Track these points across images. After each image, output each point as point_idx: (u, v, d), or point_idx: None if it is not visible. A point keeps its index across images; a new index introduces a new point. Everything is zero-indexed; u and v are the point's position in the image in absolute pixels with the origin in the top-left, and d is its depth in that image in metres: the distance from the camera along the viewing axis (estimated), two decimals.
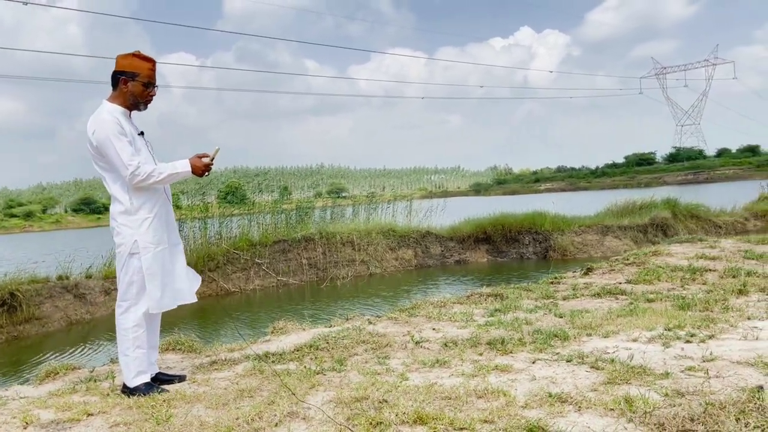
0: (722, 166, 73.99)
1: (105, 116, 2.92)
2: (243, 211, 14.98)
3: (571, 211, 15.96)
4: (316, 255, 12.64)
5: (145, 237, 2.94)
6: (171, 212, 3.19)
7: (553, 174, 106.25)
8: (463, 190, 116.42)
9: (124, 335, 2.94)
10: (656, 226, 14.15)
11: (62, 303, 9.36)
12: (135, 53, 3.06)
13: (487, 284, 9.92)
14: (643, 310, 3.63)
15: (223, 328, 8.23)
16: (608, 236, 13.73)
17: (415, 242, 13.53)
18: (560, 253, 13.20)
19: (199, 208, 14.68)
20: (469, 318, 3.82)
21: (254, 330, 7.93)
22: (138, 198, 2.96)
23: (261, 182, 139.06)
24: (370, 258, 12.93)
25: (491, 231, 13.67)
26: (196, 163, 3.06)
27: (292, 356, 3.24)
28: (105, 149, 2.89)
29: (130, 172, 2.86)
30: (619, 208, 15.57)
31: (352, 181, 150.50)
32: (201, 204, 15.91)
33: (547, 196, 63.46)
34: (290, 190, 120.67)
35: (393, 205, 16.19)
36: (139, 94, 3.04)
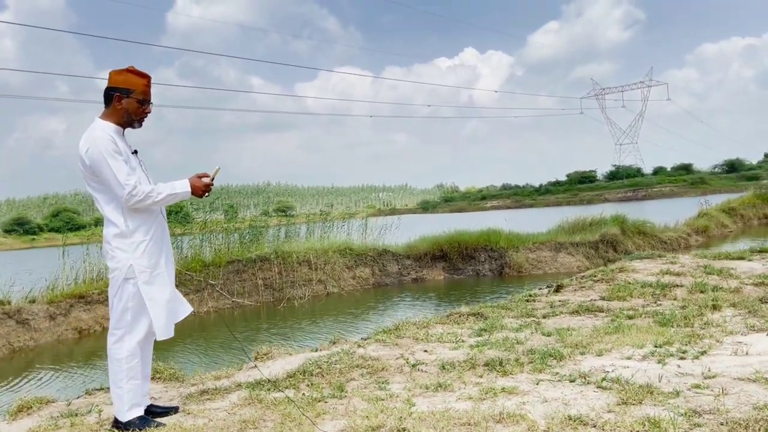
0: (659, 184, 77.19)
1: (99, 134, 2.76)
2: (189, 230, 14.57)
3: (522, 229, 16.24)
4: (271, 275, 12.38)
5: (141, 261, 2.78)
6: (167, 234, 3.03)
7: (499, 192, 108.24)
8: (411, 208, 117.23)
9: (117, 366, 2.75)
10: (607, 243, 14.52)
11: (4, 329, 8.82)
12: (129, 69, 2.92)
13: (446, 302, 9.99)
14: (627, 327, 3.67)
15: (181, 352, 7.90)
16: (561, 253, 14.00)
17: (372, 260, 13.44)
18: (515, 270, 13.37)
19: None
20: (458, 338, 3.76)
21: (208, 356, 7.66)
22: (133, 220, 2.79)
23: (205, 200, 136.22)
24: (328, 277, 12.75)
25: (448, 248, 13.72)
26: (196, 183, 2.91)
27: (286, 383, 3.08)
28: (99, 168, 2.73)
29: (127, 192, 2.70)
30: (570, 225, 15.93)
31: (299, 199, 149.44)
32: None
33: (494, 214, 64.65)
34: (236, 209, 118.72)
35: (348, 224, 16.10)
36: (134, 111, 2.90)
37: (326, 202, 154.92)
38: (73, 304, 10.05)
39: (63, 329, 9.55)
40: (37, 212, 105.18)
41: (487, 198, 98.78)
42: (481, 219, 43.89)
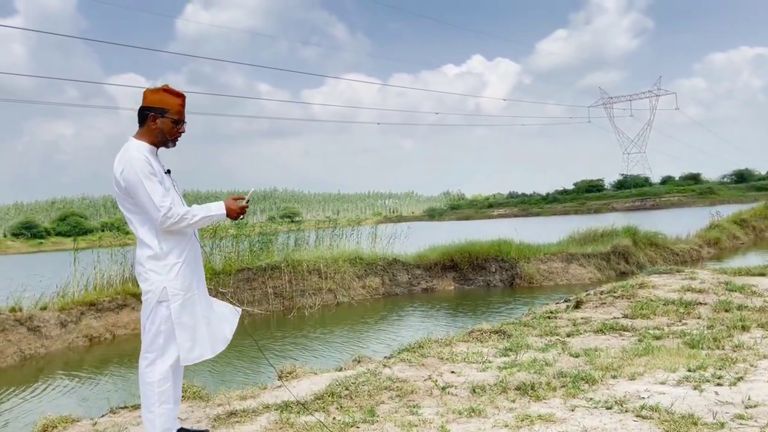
0: (667, 193, 76.89)
1: (134, 154, 2.72)
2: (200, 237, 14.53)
3: (531, 239, 16.17)
4: (281, 284, 12.34)
5: (175, 283, 2.74)
6: (200, 256, 3.00)
7: (506, 200, 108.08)
8: (417, 215, 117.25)
9: (149, 390, 2.70)
10: (618, 254, 14.43)
11: (15, 336, 8.79)
12: (164, 88, 2.87)
13: (458, 314, 9.91)
14: (657, 349, 3.60)
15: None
16: (573, 264, 13.91)
17: (383, 270, 13.39)
18: (527, 281, 13.28)
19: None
20: (484, 359, 3.70)
21: (224, 368, 7.61)
22: (167, 242, 2.76)
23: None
24: (338, 286, 12.70)
25: (458, 259, 13.65)
26: (231, 205, 2.87)
27: (315, 406, 3.02)
28: (134, 190, 2.69)
29: (162, 214, 2.67)
30: (581, 236, 15.84)
31: (306, 206, 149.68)
32: None
33: (501, 222, 64.55)
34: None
35: (357, 231, 16.05)
36: (168, 131, 2.86)
37: (332, 209, 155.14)
38: (84, 311, 10.03)
39: (74, 337, 9.52)
40: (44, 216, 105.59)
41: (494, 206, 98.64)
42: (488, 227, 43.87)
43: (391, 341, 8.16)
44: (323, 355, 7.81)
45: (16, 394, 6.86)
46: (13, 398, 6.70)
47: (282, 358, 7.68)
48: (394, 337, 8.58)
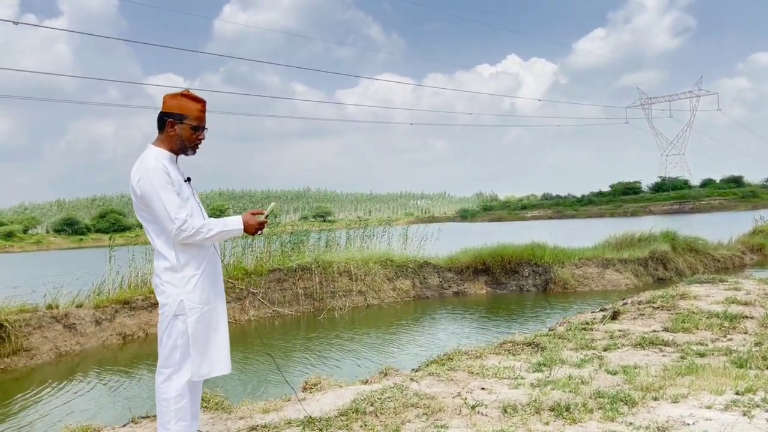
0: (707, 197, 74.92)
1: (151, 163, 2.64)
2: None
3: (565, 242, 15.85)
4: (312, 285, 12.32)
5: (192, 296, 2.65)
6: (219, 267, 2.91)
7: (540, 201, 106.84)
8: (449, 216, 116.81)
9: (165, 407, 2.62)
10: (656, 260, 14.04)
11: (51, 334, 8.94)
12: (184, 93, 2.79)
13: (490, 319, 9.74)
14: (701, 368, 3.40)
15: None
16: (609, 269, 13.58)
17: (413, 272, 13.27)
18: (560, 286, 13.01)
19: None
20: (516, 375, 3.54)
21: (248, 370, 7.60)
22: (185, 254, 2.67)
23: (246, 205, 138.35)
24: (368, 288, 12.63)
25: (490, 262, 13.45)
26: (249, 220, 2.77)
27: (339, 423, 2.92)
28: (150, 200, 2.61)
29: (177, 227, 2.58)
30: (618, 241, 15.46)
31: (338, 205, 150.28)
32: None
33: (535, 224, 63.74)
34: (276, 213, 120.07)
35: (388, 233, 15.95)
36: (187, 138, 2.77)
37: (365, 209, 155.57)
38: (118, 309, 10.16)
39: (108, 334, 9.65)
40: (85, 213, 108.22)
41: (527, 208, 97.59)
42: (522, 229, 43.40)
43: (420, 347, 8.05)
44: (351, 359, 7.73)
45: (49, 392, 6.95)
46: (47, 396, 6.79)
47: (310, 361, 7.63)
48: (423, 343, 8.47)
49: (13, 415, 6.12)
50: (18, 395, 6.93)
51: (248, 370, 7.51)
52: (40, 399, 6.67)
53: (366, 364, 7.26)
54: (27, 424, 5.80)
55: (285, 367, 7.60)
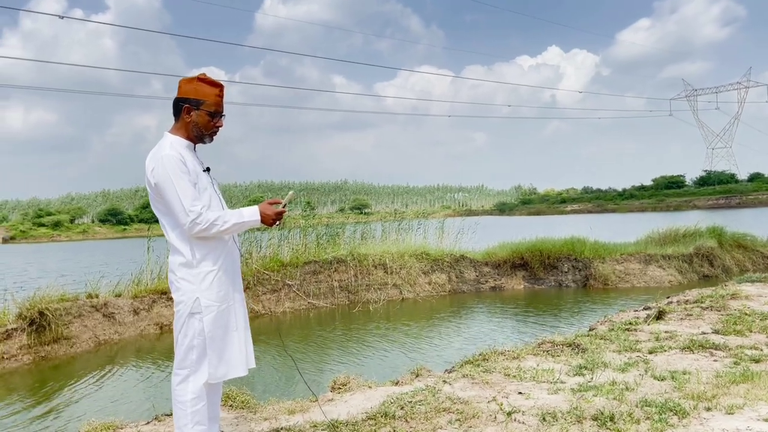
0: (755, 191, 72.25)
1: (167, 152, 2.49)
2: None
3: (606, 237, 15.44)
4: (347, 277, 12.28)
5: (209, 294, 2.51)
6: (238, 264, 2.76)
7: (580, 195, 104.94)
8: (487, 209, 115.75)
9: (181, 409, 2.50)
10: (702, 256, 13.55)
11: (91, 322, 9.10)
12: (200, 77, 2.63)
13: (527, 315, 9.50)
14: (756, 375, 3.17)
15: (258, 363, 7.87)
16: (651, 265, 13.17)
17: (449, 266, 13.10)
18: (601, 282, 12.67)
19: None
20: (555, 378, 3.35)
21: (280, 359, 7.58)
22: (201, 248, 2.53)
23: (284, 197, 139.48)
24: (403, 282, 12.53)
25: (528, 257, 13.18)
26: (266, 210, 2.61)
27: (366, 428, 2.79)
28: (164, 191, 2.46)
29: (191, 219, 2.43)
30: (661, 236, 14.97)
31: (375, 198, 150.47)
32: None
33: (575, 218, 62.60)
34: (314, 206, 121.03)
35: (423, 226, 15.79)
36: (204, 125, 2.61)
37: (401, 201, 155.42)
38: (155, 299, 10.29)
39: (145, 324, 9.78)
40: (129, 203, 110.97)
41: (567, 201, 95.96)
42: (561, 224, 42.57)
43: (455, 344, 7.91)
44: (383, 355, 7.64)
45: (86, 381, 7.06)
46: (83, 385, 6.88)
47: (342, 356, 7.57)
48: (458, 339, 8.32)
49: (49, 403, 6.23)
50: (54, 383, 7.06)
51: (281, 364, 7.49)
52: (76, 388, 6.77)
53: (398, 362, 7.16)
54: (61, 412, 5.89)
55: (317, 361, 7.55)
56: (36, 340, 8.18)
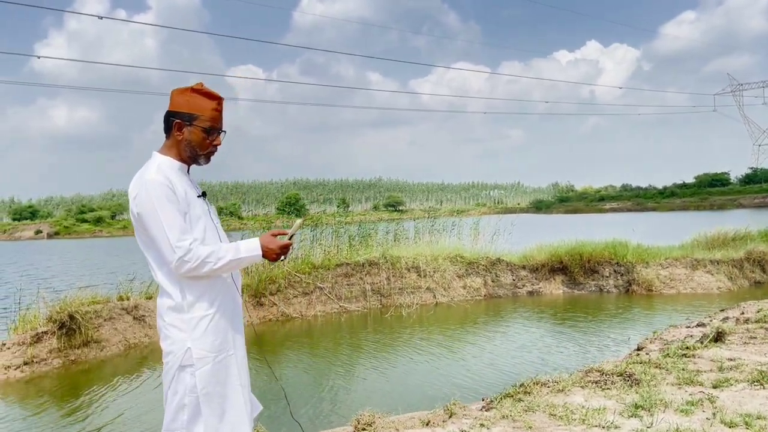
0: None
1: (152, 176, 2.11)
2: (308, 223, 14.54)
3: (648, 238, 14.83)
4: (379, 280, 12.01)
5: (202, 343, 2.13)
6: (238, 304, 2.36)
7: (618, 193, 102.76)
8: (523, 207, 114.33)
9: None
10: (753, 262, 12.86)
11: (121, 325, 9.03)
12: (195, 87, 2.25)
13: (566, 324, 9.02)
14: None
15: (286, 359, 7.66)
16: (698, 271, 12.55)
17: (485, 270, 12.72)
18: (644, 287, 12.13)
19: (260, 219, 14.56)
20: (609, 421, 2.89)
21: (316, 362, 7.35)
22: (193, 289, 2.14)
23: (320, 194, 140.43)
24: (437, 285, 12.21)
25: (567, 260, 12.70)
26: (269, 244, 2.22)
27: None
28: (147, 222, 2.08)
29: (178, 257, 2.05)
30: (709, 239, 14.30)
31: (409, 195, 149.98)
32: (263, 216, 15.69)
33: (613, 217, 61.17)
34: (348, 203, 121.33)
35: (458, 227, 15.42)
36: (199, 144, 2.23)
37: (436, 199, 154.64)
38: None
39: None
40: None
41: (605, 199, 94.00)
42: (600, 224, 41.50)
43: (491, 357, 7.54)
44: (414, 368, 7.34)
45: (114, 387, 6.94)
46: (109, 392, 6.76)
47: (371, 370, 7.29)
48: (495, 351, 7.97)
49: (79, 408, 6.11)
50: (84, 388, 6.97)
51: (312, 376, 7.26)
52: (102, 394, 6.65)
53: (430, 377, 6.85)
54: (91, 418, 5.76)
55: (347, 368, 7.28)
56: (66, 343, 8.13)
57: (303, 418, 5.70)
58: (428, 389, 6.37)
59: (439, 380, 6.70)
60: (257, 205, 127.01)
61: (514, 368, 6.95)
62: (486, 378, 6.61)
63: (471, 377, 6.70)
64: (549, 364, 6.96)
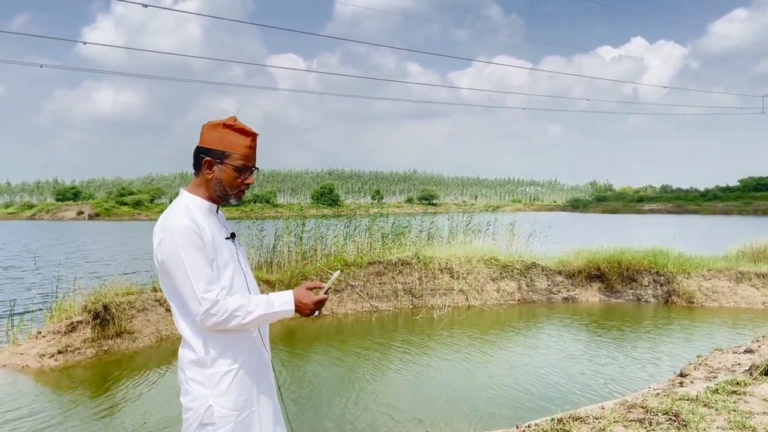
0: None
1: (179, 220, 1.96)
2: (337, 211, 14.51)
3: (690, 245, 14.37)
4: (412, 280, 11.88)
5: (225, 401, 1.99)
6: (266, 358, 2.20)
7: (658, 194, 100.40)
8: (559, 204, 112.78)
9: None
10: None
11: (154, 317, 9.10)
12: (228, 123, 2.08)
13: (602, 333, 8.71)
14: None
15: (316, 358, 7.60)
16: (743, 284, 12.08)
17: (520, 274, 12.47)
18: (685, 299, 11.73)
19: (296, 208, 14.67)
20: None
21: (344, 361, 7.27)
22: (217, 343, 2.00)
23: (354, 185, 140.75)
24: (470, 288, 12.02)
25: (605, 268, 12.37)
26: (303, 299, 2.06)
27: None
28: (172, 270, 1.95)
29: (204, 309, 1.92)
30: (755, 251, 13.75)
31: (444, 189, 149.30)
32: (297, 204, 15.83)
33: (652, 219, 59.81)
34: (382, 194, 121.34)
35: (493, 226, 15.17)
36: (229, 183, 2.08)
37: (470, 193, 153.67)
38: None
39: None
40: None
41: (644, 200, 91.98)
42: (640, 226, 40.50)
43: (523, 366, 7.34)
44: (441, 375, 7.19)
45: (149, 375, 6.98)
46: (139, 384, 6.79)
47: (400, 368, 7.17)
48: (528, 362, 7.76)
49: (112, 398, 6.15)
50: (116, 378, 7.03)
51: (341, 374, 7.18)
52: (133, 385, 6.69)
53: (459, 389, 6.69)
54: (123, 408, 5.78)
55: (373, 376, 7.15)
56: (99, 333, 8.22)
57: (326, 419, 5.65)
58: (455, 396, 6.26)
59: (467, 388, 6.57)
60: (292, 194, 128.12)
61: (548, 380, 6.76)
62: (517, 389, 6.43)
63: (500, 388, 6.54)
64: (584, 378, 6.74)
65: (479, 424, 5.20)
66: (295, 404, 6.12)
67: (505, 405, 5.94)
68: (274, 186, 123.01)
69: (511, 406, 5.91)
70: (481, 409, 5.83)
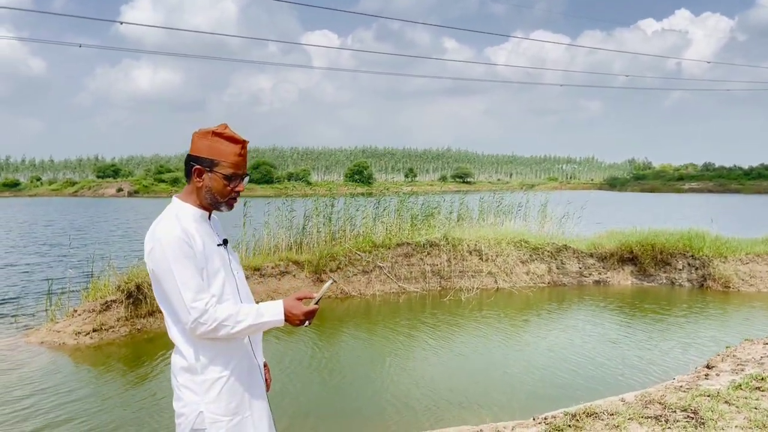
0: None
1: (169, 229, 1.97)
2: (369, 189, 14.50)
3: (729, 226, 13.98)
4: (440, 262, 11.86)
5: (215, 407, 2.01)
6: (256, 365, 2.20)
7: (699, 173, 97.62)
8: (596, 183, 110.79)
9: None
10: None
11: None
12: (217, 131, 2.08)
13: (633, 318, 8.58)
14: None
15: (346, 337, 7.69)
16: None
17: (550, 256, 12.33)
18: (721, 283, 11.45)
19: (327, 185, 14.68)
20: None
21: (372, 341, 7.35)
22: (207, 350, 2.02)
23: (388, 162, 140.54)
24: (499, 270, 11.94)
25: (638, 251, 12.13)
26: (293, 309, 2.05)
27: None
28: (162, 280, 1.96)
29: (193, 318, 1.92)
30: None
31: (478, 167, 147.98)
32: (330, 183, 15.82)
33: (692, 198, 58.25)
34: (415, 172, 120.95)
35: (525, 207, 14.99)
36: (219, 191, 2.08)
37: (505, 171, 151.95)
38: (248, 275, 10.35)
39: None
40: None
41: (684, 179, 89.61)
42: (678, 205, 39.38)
43: (550, 356, 7.29)
44: (465, 359, 7.20)
45: None
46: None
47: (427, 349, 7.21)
48: (553, 349, 7.71)
49: (144, 375, 6.35)
50: (149, 358, 7.25)
51: (368, 356, 7.25)
52: (165, 362, 6.87)
53: (487, 371, 6.71)
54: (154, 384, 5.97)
55: (401, 357, 7.19)
56: (133, 312, 8.45)
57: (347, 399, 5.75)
58: (481, 378, 6.31)
59: (494, 371, 6.59)
60: (326, 172, 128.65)
61: (573, 366, 6.72)
62: (544, 372, 6.42)
63: (528, 371, 6.54)
64: (610, 365, 6.68)
65: (527, 407, 5.23)
66: (324, 384, 6.22)
67: (551, 385, 6.05)
68: (308, 164, 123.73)
69: (557, 386, 6.00)
70: (531, 390, 5.90)
